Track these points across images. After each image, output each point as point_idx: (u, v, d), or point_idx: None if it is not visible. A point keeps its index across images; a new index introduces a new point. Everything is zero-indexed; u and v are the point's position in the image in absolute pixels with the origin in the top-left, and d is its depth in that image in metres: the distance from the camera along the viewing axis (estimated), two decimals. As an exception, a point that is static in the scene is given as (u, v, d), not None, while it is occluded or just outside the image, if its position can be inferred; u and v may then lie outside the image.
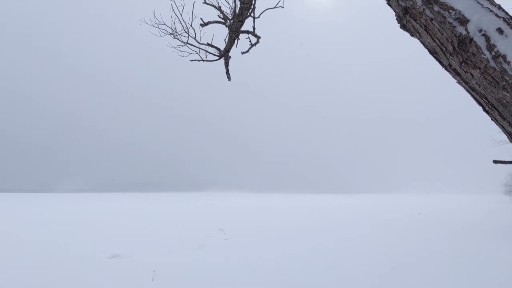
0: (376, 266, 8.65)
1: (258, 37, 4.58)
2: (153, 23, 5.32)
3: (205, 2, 4.60)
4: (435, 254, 10.02)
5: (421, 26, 1.98)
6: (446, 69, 1.98)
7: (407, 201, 47.43)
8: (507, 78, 1.58)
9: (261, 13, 4.44)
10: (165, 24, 5.19)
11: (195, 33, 4.83)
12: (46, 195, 68.25)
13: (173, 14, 4.99)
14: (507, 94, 1.60)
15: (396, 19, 2.15)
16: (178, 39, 5.06)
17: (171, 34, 5.14)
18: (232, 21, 4.33)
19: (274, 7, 4.54)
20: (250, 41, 4.70)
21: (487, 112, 1.87)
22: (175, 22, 5.02)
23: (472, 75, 1.78)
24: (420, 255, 9.92)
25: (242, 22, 4.28)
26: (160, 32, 5.28)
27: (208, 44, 4.71)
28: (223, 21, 4.48)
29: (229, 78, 4.85)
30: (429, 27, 1.93)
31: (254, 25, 4.48)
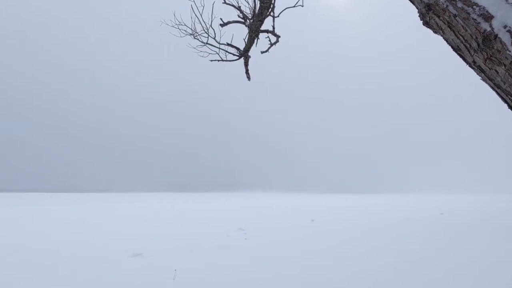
0: (396, 265, 8.55)
1: (277, 36, 4.59)
2: (173, 24, 5.39)
3: (224, 2, 4.63)
4: (456, 255, 9.84)
5: (444, 23, 1.95)
6: (470, 66, 1.95)
7: (429, 201, 46.61)
8: (534, 75, 1.55)
9: (281, 12, 4.45)
10: (185, 25, 5.25)
11: (215, 33, 4.87)
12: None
13: (193, 15, 5.04)
14: (534, 91, 1.57)
15: (419, 16, 2.12)
16: (198, 39, 5.11)
17: (191, 34, 5.19)
18: (252, 20, 4.35)
19: (294, 6, 4.54)
20: (269, 40, 4.71)
21: (512, 109, 1.84)
22: (195, 23, 5.08)
23: (497, 72, 1.75)
24: (440, 255, 9.76)
25: (262, 22, 4.30)
26: (180, 32, 5.35)
27: (228, 44, 4.74)
28: (242, 21, 4.50)
29: (248, 77, 4.88)
30: (453, 24, 1.90)
31: (273, 24, 4.49)
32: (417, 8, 2.14)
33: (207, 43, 4.94)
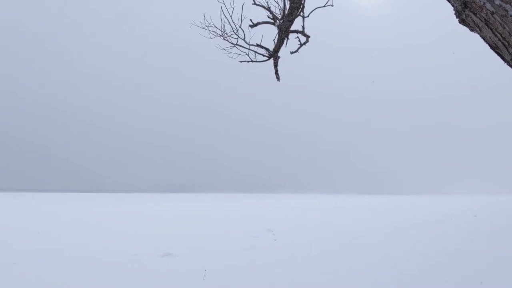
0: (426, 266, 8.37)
1: (307, 36, 4.58)
2: (203, 26, 5.46)
3: (254, 3, 4.66)
4: (486, 259, 9.54)
5: (481, 21, 1.92)
6: (508, 64, 1.91)
7: (461, 203, 45.22)
8: None
9: (311, 12, 4.44)
10: (215, 26, 5.31)
11: (244, 34, 4.91)
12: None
13: (223, 16, 5.10)
14: None
15: (455, 13, 2.08)
16: (227, 40, 5.16)
17: (221, 36, 5.25)
18: (281, 21, 4.36)
19: (324, 6, 4.52)
20: (299, 41, 4.71)
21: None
22: (225, 24, 5.13)
23: (538, 70, 1.71)
24: (466, 257, 9.49)
25: (291, 22, 4.30)
26: (210, 34, 5.41)
27: (258, 45, 4.77)
28: (272, 21, 4.52)
29: (278, 78, 4.90)
30: (490, 21, 1.86)
31: (303, 24, 4.49)
32: (453, 6, 2.10)
33: (236, 44, 4.99)
